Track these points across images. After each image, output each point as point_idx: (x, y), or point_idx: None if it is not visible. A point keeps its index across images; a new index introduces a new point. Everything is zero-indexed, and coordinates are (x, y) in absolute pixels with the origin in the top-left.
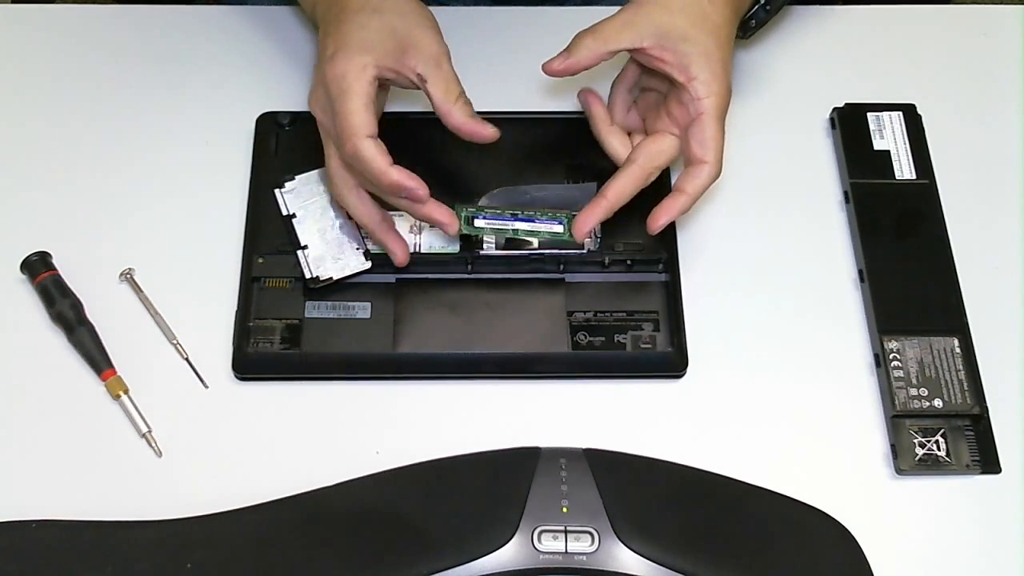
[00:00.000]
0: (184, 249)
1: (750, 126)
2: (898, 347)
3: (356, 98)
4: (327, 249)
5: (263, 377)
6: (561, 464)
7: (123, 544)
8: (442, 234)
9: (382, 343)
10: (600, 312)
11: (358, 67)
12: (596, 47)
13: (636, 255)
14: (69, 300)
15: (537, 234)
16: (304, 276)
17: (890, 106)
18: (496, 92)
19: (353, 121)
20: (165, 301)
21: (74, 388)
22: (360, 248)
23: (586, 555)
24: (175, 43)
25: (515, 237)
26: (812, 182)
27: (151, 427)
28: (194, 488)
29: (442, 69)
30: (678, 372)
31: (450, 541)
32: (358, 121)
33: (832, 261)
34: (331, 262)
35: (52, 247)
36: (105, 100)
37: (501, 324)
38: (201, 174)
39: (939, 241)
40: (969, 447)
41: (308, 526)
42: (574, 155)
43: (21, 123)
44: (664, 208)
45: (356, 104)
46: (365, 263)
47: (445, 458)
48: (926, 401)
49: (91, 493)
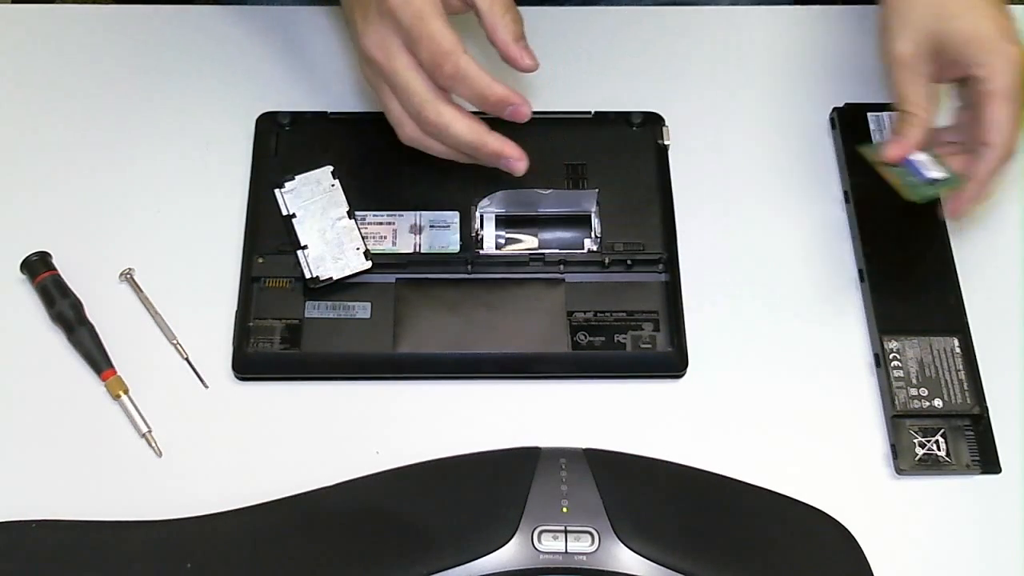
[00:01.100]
0: (184, 249)
1: (750, 126)
2: (898, 347)
3: (437, 17)
4: (327, 249)
5: (263, 377)
6: (561, 464)
7: (123, 544)
8: (442, 234)
9: (382, 343)
10: (600, 312)
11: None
12: (930, 107)
13: (636, 255)
14: (69, 300)
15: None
16: (304, 276)
17: (890, 106)
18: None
19: (447, 41)
20: (165, 301)
21: (74, 388)
22: (360, 248)
23: (586, 555)
24: (175, 43)
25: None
26: (812, 182)
27: (151, 427)
28: (194, 488)
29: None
30: (678, 372)
31: (450, 541)
32: (452, 39)
33: (832, 261)
34: (331, 262)
35: (52, 247)
36: (105, 100)
37: (501, 324)
38: (201, 174)
39: (939, 241)
40: (969, 447)
41: (308, 526)
42: (574, 155)
43: (21, 123)
44: (958, 196)
45: (440, 23)
46: (365, 263)
47: (445, 458)
48: (926, 401)
49: (91, 493)
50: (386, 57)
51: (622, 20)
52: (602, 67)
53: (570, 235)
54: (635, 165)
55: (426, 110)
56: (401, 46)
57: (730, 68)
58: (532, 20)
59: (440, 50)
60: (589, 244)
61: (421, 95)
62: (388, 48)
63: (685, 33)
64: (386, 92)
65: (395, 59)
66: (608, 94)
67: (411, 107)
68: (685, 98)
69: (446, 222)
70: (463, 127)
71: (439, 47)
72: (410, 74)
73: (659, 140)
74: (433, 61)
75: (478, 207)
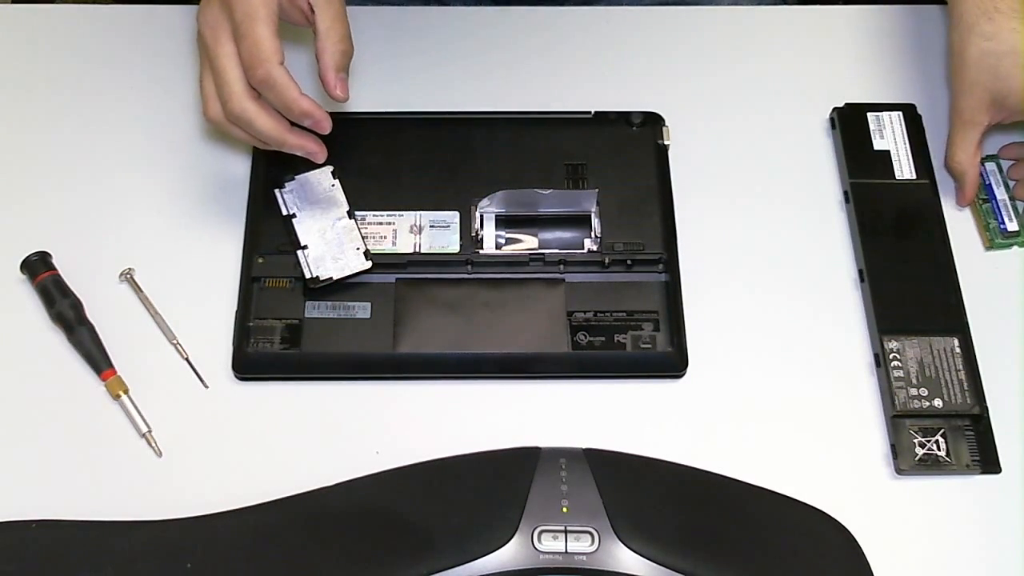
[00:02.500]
0: (184, 249)
1: (750, 126)
2: (898, 347)
3: (266, 24)
4: (327, 249)
5: (263, 377)
6: (561, 464)
7: (123, 544)
8: (442, 234)
9: (382, 343)
10: (600, 312)
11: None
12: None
13: (636, 255)
14: (69, 300)
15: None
16: (304, 276)
17: (890, 106)
18: (496, 92)
19: (266, 47)
20: (165, 301)
21: (74, 388)
22: (360, 248)
23: (586, 555)
24: (175, 43)
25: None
26: (812, 182)
27: (151, 427)
28: (194, 488)
29: (331, 4)
30: (678, 372)
31: (450, 541)
32: (272, 47)
33: (832, 261)
34: (331, 262)
35: (52, 247)
36: (105, 100)
37: (501, 324)
38: (201, 174)
39: (939, 241)
40: (969, 447)
41: (308, 526)
42: (574, 155)
43: (21, 123)
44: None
45: (267, 30)
46: (365, 263)
47: (445, 458)
48: (926, 401)
49: (91, 493)
50: (213, 39)
51: (622, 20)
52: (602, 67)
53: (570, 235)
54: (635, 165)
55: (233, 100)
56: (229, 34)
57: (730, 68)
58: (533, 20)
59: (258, 54)
60: (589, 244)
61: (231, 85)
62: (217, 31)
63: (685, 33)
64: (205, 68)
65: (220, 44)
66: (608, 94)
67: (222, 93)
68: (685, 98)
69: (446, 222)
70: (265, 124)
71: (258, 51)
72: (229, 63)
73: (659, 140)
74: (250, 62)
75: (478, 207)
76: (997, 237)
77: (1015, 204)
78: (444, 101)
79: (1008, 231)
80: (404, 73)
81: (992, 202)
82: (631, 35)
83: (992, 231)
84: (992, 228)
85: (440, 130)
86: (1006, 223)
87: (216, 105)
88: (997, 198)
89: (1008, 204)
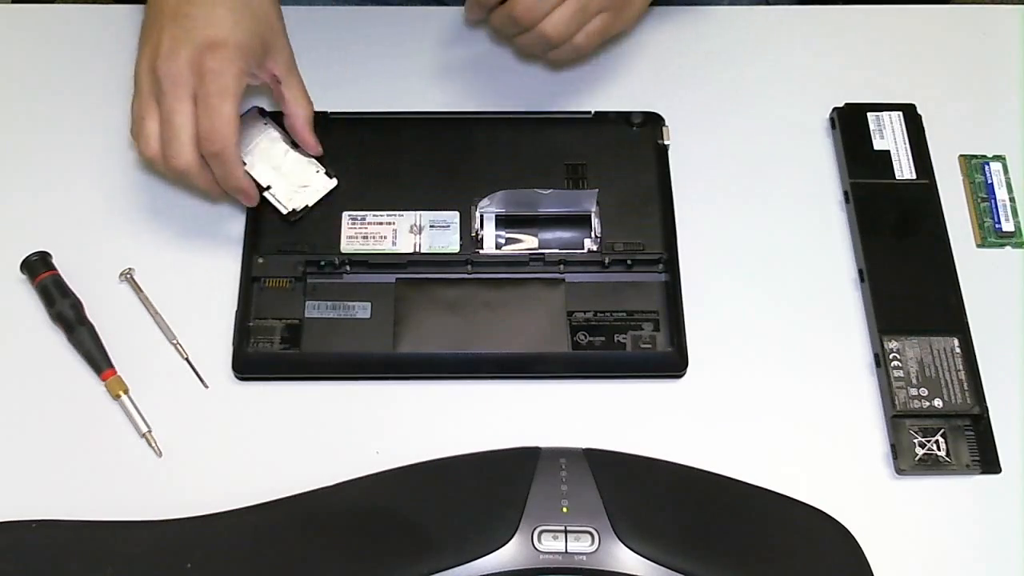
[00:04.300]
0: (184, 249)
1: (750, 126)
2: (898, 347)
3: (233, 103)
4: (289, 182)
5: (263, 377)
6: (561, 464)
7: (123, 544)
8: (442, 234)
9: (382, 343)
10: (600, 312)
11: (238, 72)
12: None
13: (636, 255)
14: (69, 300)
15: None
16: (283, 214)
17: (890, 106)
18: (496, 92)
19: (229, 126)
20: (165, 301)
21: (74, 388)
22: (319, 170)
23: (586, 555)
24: None
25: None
26: (812, 182)
27: (151, 427)
28: (194, 488)
29: (294, 73)
30: (678, 372)
31: (450, 541)
32: (234, 126)
33: (832, 261)
34: (299, 192)
35: (52, 247)
36: (105, 100)
37: (501, 324)
38: None
39: (939, 241)
40: (969, 447)
41: (308, 526)
42: (574, 155)
43: (21, 123)
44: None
45: (233, 109)
46: (331, 181)
47: (445, 458)
48: (926, 401)
49: (91, 493)
50: (173, 94)
51: None
52: (602, 67)
53: (570, 235)
54: (635, 165)
55: (180, 158)
56: (191, 95)
57: (730, 68)
58: None
59: (220, 130)
60: (589, 244)
61: (183, 144)
62: (179, 88)
63: (685, 33)
64: (151, 108)
65: (179, 100)
66: (608, 94)
67: (170, 146)
68: (685, 98)
69: (446, 222)
70: (202, 182)
71: (220, 127)
72: (185, 121)
73: (659, 140)
74: (209, 136)
75: (478, 207)
76: (990, 236)
77: (1014, 206)
78: (444, 101)
79: (1003, 231)
80: (404, 73)
81: (992, 201)
82: (631, 35)
83: (986, 229)
84: (987, 227)
85: (440, 130)
86: (1002, 223)
87: (156, 146)
88: (997, 198)
89: (1008, 205)
